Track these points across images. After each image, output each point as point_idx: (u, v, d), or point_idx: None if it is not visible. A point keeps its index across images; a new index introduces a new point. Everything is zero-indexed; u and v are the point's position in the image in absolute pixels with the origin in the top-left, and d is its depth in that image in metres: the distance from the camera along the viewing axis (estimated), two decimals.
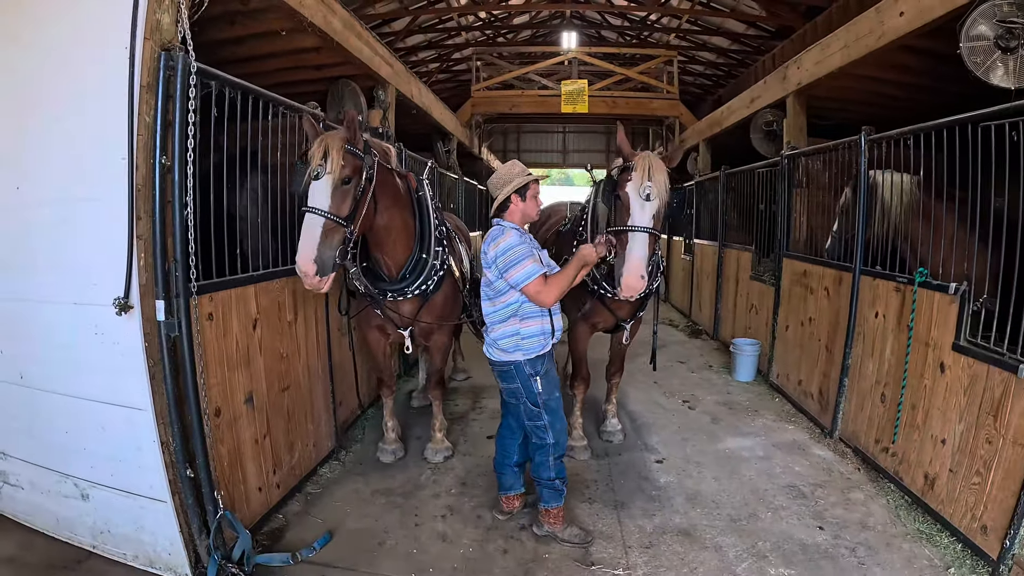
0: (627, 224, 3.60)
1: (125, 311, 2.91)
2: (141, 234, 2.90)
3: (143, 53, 2.84)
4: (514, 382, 3.66)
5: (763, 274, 7.52)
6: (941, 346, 3.95)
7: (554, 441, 3.69)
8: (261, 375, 3.80)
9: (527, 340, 3.58)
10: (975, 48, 4.03)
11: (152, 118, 2.90)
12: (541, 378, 3.63)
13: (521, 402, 3.69)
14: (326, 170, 3.40)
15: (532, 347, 3.60)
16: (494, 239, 3.54)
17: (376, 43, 6.14)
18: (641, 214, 3.59)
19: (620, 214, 3.68)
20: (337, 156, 3.42)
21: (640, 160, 3.63)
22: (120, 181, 2.87)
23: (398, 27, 14.91)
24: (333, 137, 3.49)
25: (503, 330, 3.60)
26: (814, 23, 11.79)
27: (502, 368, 3.69)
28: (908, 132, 4.37)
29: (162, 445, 3.08)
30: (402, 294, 4.22)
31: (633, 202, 3.60)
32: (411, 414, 5.90)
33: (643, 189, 3.56)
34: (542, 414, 3.66)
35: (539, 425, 3.68)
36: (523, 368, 3.61)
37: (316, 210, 3.38)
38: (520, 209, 3.64)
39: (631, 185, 3.61)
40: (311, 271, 3.32)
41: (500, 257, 3.47)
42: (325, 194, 3.40)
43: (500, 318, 3.60)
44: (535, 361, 3.62)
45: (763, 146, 8.16)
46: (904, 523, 3.93)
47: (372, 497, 4.32)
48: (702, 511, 4.12)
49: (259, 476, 3.78)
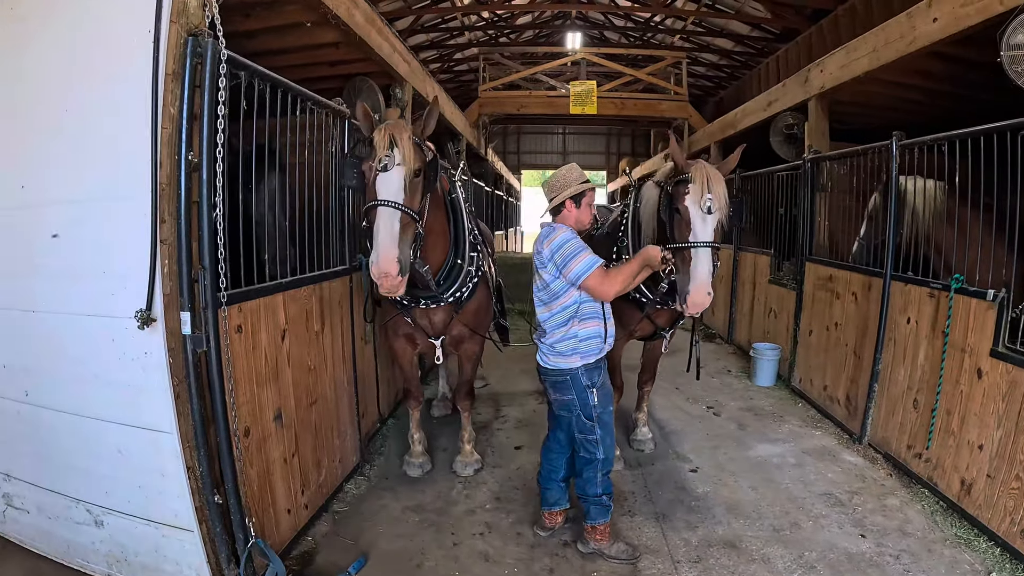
0: (688, 240, 3.43)
1: (147, 324, 2.67)
2: (165, 239, 2.66)
3: (169, 37, 2.60)
4: (568, 393, 3.52)
5: (783, 278, 7.45)
6: (978, 352, 3.90)
7: (604, 456, 3.56)
8: (289, 390, 3.58)
9: (585, 342, 3.46)
10: (1016, 57, 3.99)
11: (178, 110, 2.65)
12: (597, 390, 3.51)
13: (574, 415, 3.54)
14: (395, 161, 3.21)
15: (590, 350, 3.48)
16: (547, 236, 3.46)
17: (395, 39, 5.95)
18: (703, 228, 3.43)
19: (679, 229, 3.51)
20: (409, 146, 3.23)
21: (697, 171, 3.47)
22: (142, 179, 2.62)
23: (401, 26, 14.69)
24: (397, 127, 3.29)
25: (563, 334, 3.47)
26: (820, 26, 11.82)
27: (557, 378, 3.54)
28: (943, 138, 4.31)
29: (188, 470, 2.84)
30: (436, 301, 4.01)
31: (694, 216, 3.44)
32: (433, 424, 5.71)
33: (704, 202, 3.41)
34: (595, 428, 3.52)
35: (591, 439, 3.54)
36: (580, 378, 3.47)
37: (391, 203, 3.17)
38: (574, 216, 3.56)
39: (690, 198, 3.45)
40: (394, 270, 3.11)
41: (557, 252, 3.36)
42: (398, 186, 3.21)
43: (559, 322, 3.48)
44: (592, 371, 3.50)
45: (783, 149, 8.05)
46: (942, 528, 3.88)
47: (403, 514, 4.11)
48: (744, 522, 4.02)
49: (288, 497, 3.56)
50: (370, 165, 3.26)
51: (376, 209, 3.20)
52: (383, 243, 3.12)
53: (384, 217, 3.17)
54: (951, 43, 4.68)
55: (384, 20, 5.56)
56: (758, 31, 14.77)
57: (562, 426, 3.71)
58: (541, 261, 3.46)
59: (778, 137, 8.08)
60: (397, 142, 3.23)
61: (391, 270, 3.10)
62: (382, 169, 3.20)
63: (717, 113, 14.22)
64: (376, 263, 3.11)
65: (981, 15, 4.18)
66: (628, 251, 4.21)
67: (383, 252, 3.11)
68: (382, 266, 3.10)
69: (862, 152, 5.48)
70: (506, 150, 27.22)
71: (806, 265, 6.57)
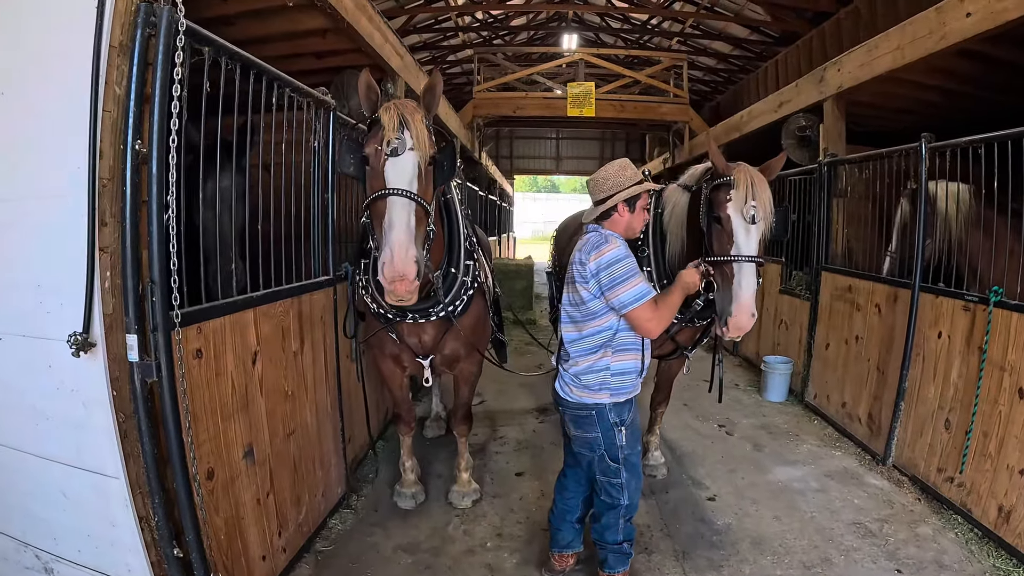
0: (731, 253, 3.06)
1: (85, 350, 2.22)
2: (106, 245, 2.22)
3: (115, 1, 2.18)
4: (593, 431, 3.06)
5: (796, 287, 7.19)
6: (1020, 370, 3.67)
7: (628, 502, 3.13)
8: (263, 421, 3.11)
9: (618, 378, 3.01)
10: None
11: (124, 90, 2.20)
12: (626, 429, 3.06)
13: (597, 455, 3.08)
14: (406, 144, 2.76)
15: (623, 386, 3.03)
16: (596, 247, 2.92)
17: (387, 29, 5.58)
18: (747, 241, 3.06)
19: (718, 240, 3.13)
20: (423, 128, 2.78)
21: (741, 175, 3.07)
22: (77, 173, 2.19)
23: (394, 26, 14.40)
24: (408, 106, 2.86)
25: (590, 363, 3.00)
26: (821, 29, 11.71)
27: (579, 412, 3.08)
28: (979, 141, 4.09)
29: (140, 520, 2.41)
30: (425, 315, 3.53)
31: (737, 227, 3.06)
32: (426, 446, 5.29)
33: (747, 210, 3.02)
34: (620, 471, 3.08)
35: (614, 483, 3.10)
36: (607, 415, 3.02)
37: (406, 192, 2.73)
38: (625, 221, 3.07)
39: (732, 206, 3.05)
40: (412, 272, 2.64)
41: (604, 271, 2.86)
42: (412, 173, 2.78)
43: (588, 348, 3.01)
44: (622, 407, 3.06)
45: (796, 153, 7.73)
46: (979, 559, 3.66)
47: (394, 555, 3.69)
48: (772, 559, 3.70)
49: (262, 543, 3.12)
50: (376, 148, 2.80)
51: (386, 199, 2.73)
52: (398, 239, 2.64)
53: (398, 208, 2.70)
54: (982, 40, 4.47)
55: (376, 8, 5.17)
56: (757, 34, 14.69)
57: (581, 464, 3.27)
58: (582, 274, 2.96)
59: (790, 140, 7.77)
60: (408, 123, 2.79)
61: (409, 271, 2.62)
62: (391, 153, 2.76)
63: (714, 118, 14.07)
64: (390, 263, 2.62)
65: (1020, 10, 3.96)
66: (650, 263, 3.84)
67: (399, 250, 2.63)
68: (398, 267, 2.61)
69: (886, 155, 5.22)
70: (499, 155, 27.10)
71: (822, 274, 6.31)
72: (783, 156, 3.40)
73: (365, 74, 3.00)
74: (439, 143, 2.99)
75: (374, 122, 2.90)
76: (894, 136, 5.52)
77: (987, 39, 4.42)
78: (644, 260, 3.83)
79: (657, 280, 3.82)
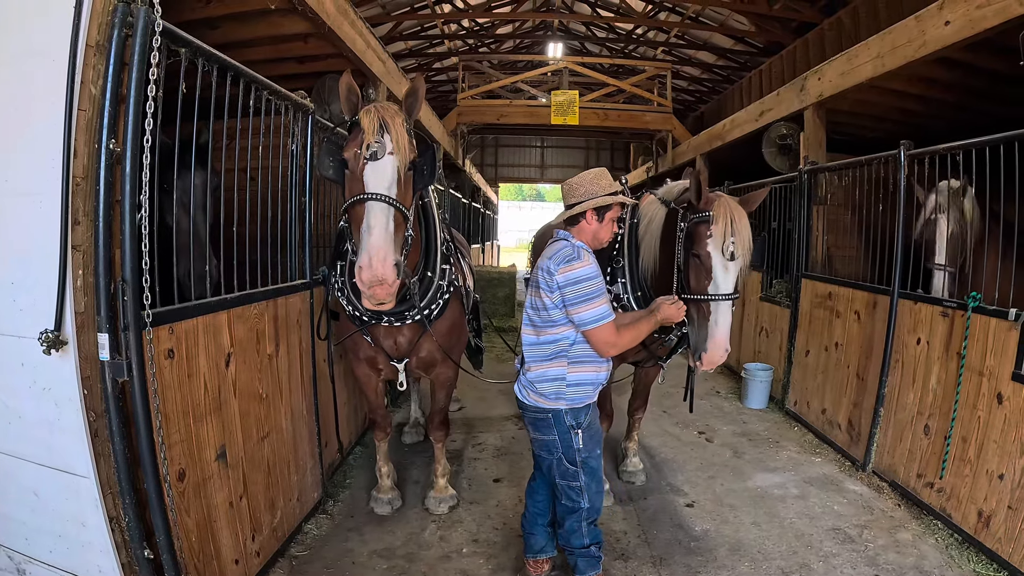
0: (707, 291, 3.07)
1: (57, 348, 2.21)
2: (79, 244, 2.21)
3: (93, 1, 2.17)
4: (550, 433, 3.05)
5: (776, 295, 7.18)
6: (999, 375, 3.68)
7: (589, 505, 3.12)
8: (236, 423, 3.08)
9: (574, 388, 3.00)
10: None
11: (100, 89, 2.20)
12: (583, 431, 3.04)
13: (555, 457, 3.07)
14: (386, 148, 2.76)
15: (579, 397, 3.02)
16: (567, 260, 2.88)
17: (369, 34, 5.56)
18: (725, 278, 3.06)
19: (697, 276, 3.14)
20: (403, 132, 2.79)
21: (720, 210, 3.06)
22: (51, 171, 2.18)
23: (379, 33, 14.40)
24: (388, 110, 2.85)
25: (545, 371, 3.00)
26: (805, 40, 11.82)
27: (536, 415, 3.07)
28: (957, 147, 4.12)
29: (111, 521, 2.39)
30: (400, 319, 3.52)
31: (716, 264, 3.06)
32: (404, 452, 5.26)
33: (727, 247, 3.02)
34: (579, 474, 3.06)
35: (573, 486, 3.09)
36: (563, 418, 3.01)
37: (385, 197, 2.73)
38: (592, 231, 3.04)
39: (712, 243, 3.05)
40: (390, 276, 2.64)
41: (571, 286, 2.84)
42: (390, 179, 2.77)
43: (544, 355, 3.00)
44: (579, 411, 3.04)
45: (776, 161, 7.79)
46: (959, 564, 3.67)
47: (370, 560, 3.66)
48: (750, 565, 3.69)
49: (235, 546, 3.08)
50: (355, 152, 2.79)
51: (365, 204, 2.73)
52: (377, 243, 2.64)
53: (377, 213, 2.70)
54: (962, 48, 4.50)
55: (359, 14, 5.17)
56: (742, 44, 14.81)
57: (542, 468, 3.28)
58: (548, 283, 2.91)
59: (771, 148, 7.83)
60: (388, 127, 2.79)
61: (387, 275, 2.63)
62: (371, 157, 2.75)
63: (698, 127, 14.14)
64: (368, 267, 2.62)
65: (999, 17, 3.97)
66: (624, 274, 3.83)
67: (377, 254, 2.63)
68: (376, 270, 2.61)
69: (866, 163, 5.25)
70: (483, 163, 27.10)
71: (802, 282, 6.33)
72: (766, 191, 3.40)
73: (346, 76, 3.00)
74: (419, 147, 2.99)
75: (354, 125, 2.89)
76: (876, 144, 5.55)
77: (966, 47, 4.46)
78: (619, 271, 3.83)
79: (631, 292, 3.81)
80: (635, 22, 15.78)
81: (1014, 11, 3.84)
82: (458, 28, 16.87)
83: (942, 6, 4.49)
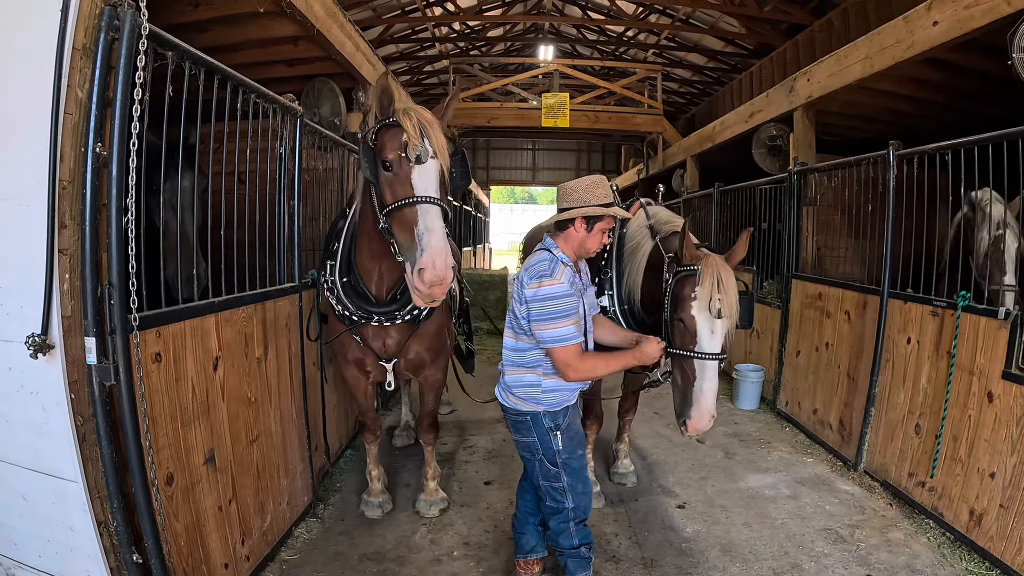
0: (692, 349, 2.96)
1: (44, 352, 2.20)
2: (65, 248, 2.20)
3: (79, 5, 2.17)
4: (529, 435, 3.05)
5: (766, 296, 7.20)
6: (989, 374, 3.69)
7: (573, 505, 3.11)
8: (224, 427, 3.07)
9: (549, 394, 3.00)
10: None
11: (87, 93, 2.19)
12: (562, 433, 3.04)
13: (537, 459, 3.08)
14: (430, 153, 2.82)
15: (556, 402, 3.02)
16: (540, 275, 2.85)
17: (359, 38, 5.56)
18: (711, 339, 2.95)
19: (681, 337, 3.02)
20: (442, 138, 2.86)
21: (708, 269, 2.94)
22: (38, 175, 2.17)
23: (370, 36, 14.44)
24: (425, 115, 2.91)
25: (521, 376, 3.01)
26: (795, 41, 11.87)
27: (515, 418, 3.08)
28: (946, 147, 4.12)
29: (99, 525, 2.38)
30: (391, 318, 3.54)
31: (701, 326, 2.95)
32: (395, 455, 5.25)
33: (713, 306, 2.91)
34: (560, 475, 3.06)
35: (556, 487, 3.08)
36: (541, 420, 3.02)
37: (437, 200, 2.82)
38: (579, 239, 2.97)
39: (698, 305, 2.95)
40: (450, 276, 2.75)
41: (537, 303, 2.83)
42: (437, 181, 2.86)
43: (520, 361, 3.01)
44: (556, 414, 3.04)
45: (766, 162, 7.83)
46: (951, 563, 3.66)
47: (360, 564, 3.65)
48: (742, 566, 3.68)
49: (225, 550, 3.07)
50: (399, 155, 2.84)
51: (417, 207, 2.79)
52: (439, 244, 2.72)
53: (433, 216, 2.78)
54: (950, 48, 4.54)
55: (347, 16, 5.17)
56: (732, 46, 14.86)
57: (526, 469, 3.28)
58: (519, 294, 2.93)
59: (761, 149, 7.87)
60: (428, 132, 2.85)
61: (448, 276, 2.73)
62: (416, 161, 2.81)
63: (689, 129, 14.19)
64: (431, 267, 2.70)
65: (987, 17, 4.01)
66: (612, 286, 3.80)
67: (440, 255, 2.71)
68: (440, 271, 2.70)
69: (855, 163, 5.26)
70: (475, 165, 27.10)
71: (792, 282, 6.34)
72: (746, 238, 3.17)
73: (382, 78, 3.01)
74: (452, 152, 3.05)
75: (385, 127, 2.92)
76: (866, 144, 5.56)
77: (955, 47, 4.49)
78: (608, 282, 3.80)
79: (618, 305, 3.78)
80: (625, 24, 15.84)
81: (1002, 11, 3.86)
82: (449, 31, 16.88)
83: (930, 7, 4.51)
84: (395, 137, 2.86)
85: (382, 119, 2.95)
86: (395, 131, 2.87)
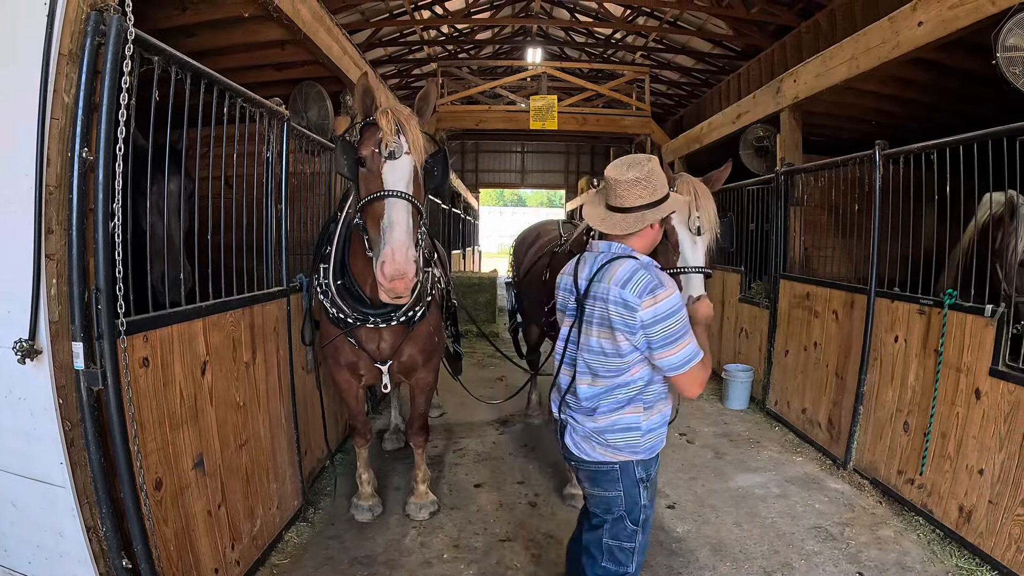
0: (676, 265, 2.95)
1: (31, 357, 2.19)
2: (52, 253, 2.19)
3: (66, 11, 2.16)
4: (614, 488, 2.50)
5: (755, 296, 7.23)
6: (976, 372, 3.73)
7: (634, 571, 2.60)
8: (213, 431, 3.06)
9: (649, 435, 2.47)
10: (1014, 59, 3.82)
11: (73, 98, 2.19)
12: (651, 485, 2.58)
13: (615, 516, 2.54)
14: (403, 148, 2.84)
15: (652, 444, 2.50)
16: (650, 289, 2.29)
17: (346, 41, 5.54)
18: (693, 252, 2.95)
19: (664, 254, 2.99)
20: (418, 133, 2.87)
21: (684, 186, 2.97)
22: (24, 180, 2.16)
23: (359, 39, 14.43)
24: (403, 112, 2.93)
25: (617, 419, 2.43)
26: (782, 43, 11.86)
27: (599, 469, 2.52)
28: (932, 147, 4.15)
29: (88, 531, 2.36)
30: (387, 320, 3.53)
31: (683, 238, 2.96)
32: (385, 459, 5.24)
33: (692, 221, 2.93)
34: (637, 535, 2.54)
35: (626, 548, 2.55)
36: (632, 471, 2.48)
37: (405, 194, 2.82)
38: (653, 236, 2.56)
39: (677, 218, 2.93)
40: (411, 270, 2.73)
41: (660, 324, 2.28)
42: (408, 177, 2.87)
43: (613, 404, 2.43)
44: (650, 462, 2.54)
45: (753, 163, 7.87)
46: (941, 559, 3.68)
47: (351, 567, 3.63)
48: (732, 565, 3.69)
49: (214, 555, 3.05)
50: (373, 151, 2.88)
51: (385, 200, 2.82)
52: (399, 237, 2.73)
53: (398, 209, 2.79)
54: (935, 48, 4.55)
55: (334, 20, 5.16)
56: (720, 48, 14.88)
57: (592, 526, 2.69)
58: (628, 322, 2.31)
59: (748, 150, 7.91)
60: (404, 128, 2.88)
61: (409, 270, 2.71)
62: (389, 156, 2.84)
63: (677, 131, 14.21)
64: (391, 261, 2.70)
65: (972, 16, 4.02)
66: None
67: (400, 247, 2.71)
68: (399, 264, 2.69)
69: (841, 163, 5.29)
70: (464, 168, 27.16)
71: (780, 282, 6.37)
72: (728, 166, 3.33)
73: (363, 79, 3.05)
74: (431, 149, 3.08)
75: (367, 126, 2.97)
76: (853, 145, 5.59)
77: (940, 47, 4.50)
78: None
79: None
80: (614, 27, 15.87)
81: (987, 10, 3.88)
82: (437, 34, 16.88)
83: (915, 7, 4.53)
84: (373, 134, 2.91)
85: (364, 119, 3.00)
86: (373, 129, 2.92)
